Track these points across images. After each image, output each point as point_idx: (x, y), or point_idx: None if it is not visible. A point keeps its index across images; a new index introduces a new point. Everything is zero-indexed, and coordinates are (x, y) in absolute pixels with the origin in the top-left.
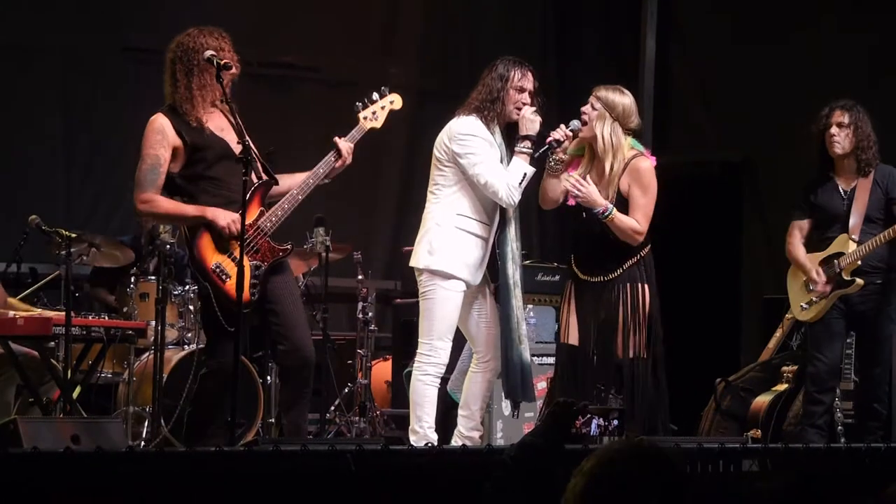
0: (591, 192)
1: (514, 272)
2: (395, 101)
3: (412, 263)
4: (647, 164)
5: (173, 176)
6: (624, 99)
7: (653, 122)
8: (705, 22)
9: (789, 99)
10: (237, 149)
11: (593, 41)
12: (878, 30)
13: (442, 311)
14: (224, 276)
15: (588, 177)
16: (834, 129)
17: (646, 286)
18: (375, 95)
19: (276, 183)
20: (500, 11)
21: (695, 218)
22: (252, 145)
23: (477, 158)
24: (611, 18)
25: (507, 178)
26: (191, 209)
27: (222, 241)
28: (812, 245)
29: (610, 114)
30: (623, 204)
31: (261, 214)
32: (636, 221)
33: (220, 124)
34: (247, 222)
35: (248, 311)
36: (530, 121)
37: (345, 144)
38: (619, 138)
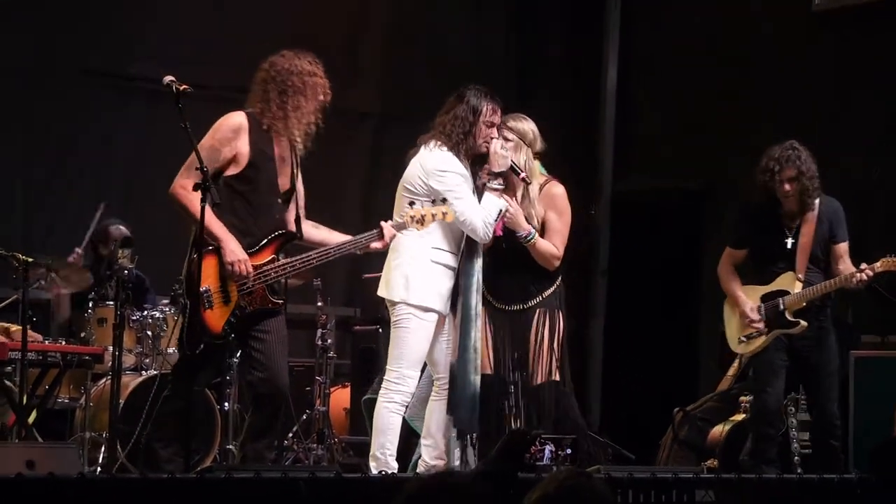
0: (517, 213)
1: (476, 303)
2: (447, 213)
3: (386, 295)
4: (560, 189)
5: (221, 178)
6: (530, 124)
7: (614, 149)
8: (666, 50)
9: (751, 127)
10: (283, 184)
11: (556, 68)
12: (836, 54)
13: (414, 340)
14: (207, 303)
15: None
16: (787, 187)
17: (560, 313)
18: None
19: (301, 239)
20: (463, 37)
21: (654, 245)
22: (300, 188)
23: (457, 195)
24: (573, 45)
25: (483, 214)
26: (215, 227)
27: (223, 270)
28: (753, 276)
29: (523, 141)
30: (541, 230)
31: (271, 261)
32: (554, 246)
33: (283, 154)
34: (255, 264)
35: (219, 344)
36: (502, 157)
37: (389, 231)
38: (532, 164)
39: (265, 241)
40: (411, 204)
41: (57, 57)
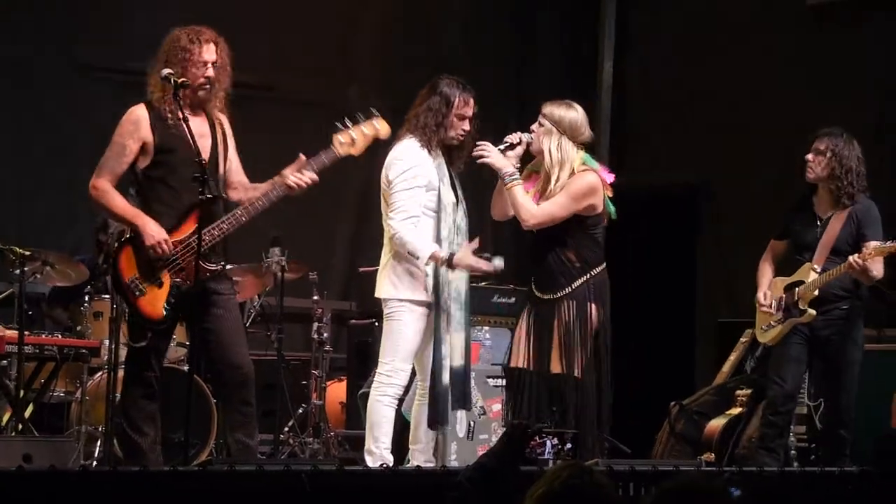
0: (493, 153)
1: (446, 297)
2: (381, 128)
3: (379, 295)
4: (590, 177)
5: (137, 171)
6: (570, 113)
7: (609, 143)
8: (662, 44)
9: (746, 122)
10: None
11: (552, 63)
12: (833, 52)
13: (406, 332)
14: (138, 291)
15: (535, 192)
16: (810, 156)
17: (593, 305)
18: (360, 116)
19: (218, 202)
20: (461, 31)
21: (650, 240)
22: (222, 160)
23: (399, 198)
24: (569, 40)
25: (415, 243)
26: (130, 214)
27: (145, 255)
28: (787, 268)
29: (557, 128)
30: None
31: (193, 233)
32: (534, 205)
33: (201, 129)
34: (177, 239)
35: (163, 329)
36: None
37: (293, 180)
38: (566, 153)
39: (182, 215)
40: (335, 126)
41: (50, 50)
